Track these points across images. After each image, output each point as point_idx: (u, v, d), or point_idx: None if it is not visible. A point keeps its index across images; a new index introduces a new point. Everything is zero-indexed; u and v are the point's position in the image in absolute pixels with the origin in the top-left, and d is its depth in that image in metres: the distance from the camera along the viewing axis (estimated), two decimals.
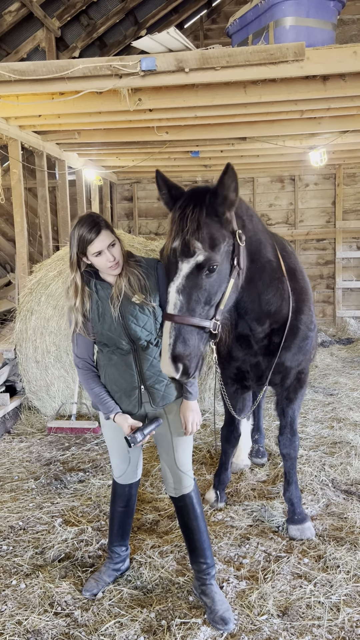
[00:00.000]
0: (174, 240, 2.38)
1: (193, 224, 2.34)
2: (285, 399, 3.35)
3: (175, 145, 7.22)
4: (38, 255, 8.12)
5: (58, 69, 4.30)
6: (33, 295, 5.68)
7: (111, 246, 2.45)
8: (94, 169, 8.81)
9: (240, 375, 3.33)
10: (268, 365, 3.18)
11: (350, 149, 7.98)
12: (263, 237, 2.81)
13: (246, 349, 3.16)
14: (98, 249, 2.42)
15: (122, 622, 2.58)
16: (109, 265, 2.45)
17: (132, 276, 2.52)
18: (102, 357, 2.67)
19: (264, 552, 3.15)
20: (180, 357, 2.33)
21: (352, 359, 8.38)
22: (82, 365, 2.67)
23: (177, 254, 2.36)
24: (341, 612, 2.61)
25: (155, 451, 4.65)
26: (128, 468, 2.82)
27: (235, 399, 3.46)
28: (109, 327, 2.54)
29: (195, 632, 2.49)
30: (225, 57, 4.15)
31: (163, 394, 2.62)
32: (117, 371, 2.61)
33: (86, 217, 2.48)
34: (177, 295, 2.35)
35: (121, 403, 2.64)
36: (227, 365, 3.33)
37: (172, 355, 2.32)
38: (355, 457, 4.38)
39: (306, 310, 3.15)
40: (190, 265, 2.36)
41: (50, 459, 4.63)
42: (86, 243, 2.42)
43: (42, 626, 2.56)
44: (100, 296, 2.55)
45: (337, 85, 4.63)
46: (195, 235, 2.34)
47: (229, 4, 9.88)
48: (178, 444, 2.67)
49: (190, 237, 2.33)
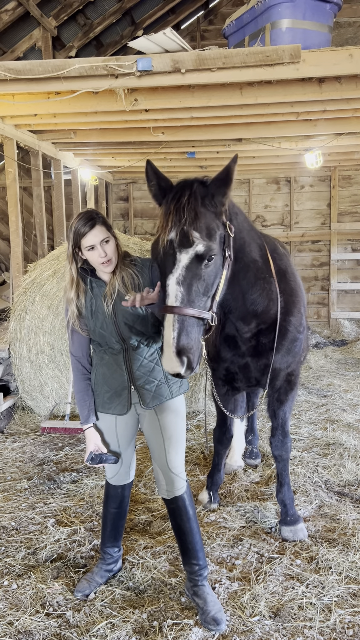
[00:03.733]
0: (170, 231, 2.34)
1: (191, 213, 2.32)
2: (276, 401, 3.35)
3: (171, 146, 7.22)
4: (33, 254, 8.10)
5: (54, 68, 4.30)
6: (27, 294, 5.67)
7: (105, 242, 2.47)
8: (89, 168, 8.80)
9: (229, 376, 3.33)
10: (257, 366, 3.17)
11: (346, 151, 8.01)
12: (247, 236, 2.80)
13: (234, 350, 3.17)
14: (90, 243, 2.44)
15: (113, 623, 2.57)
16: (101, 261, 2.47)
17: (126, 275, 2.54)
18: (95, 356, 2.69)
19: (256, 553, 3.15)
20: (185, 350, 2.28)
21: (346, 360, 8.41)
22: (74, 363, 2.70)
23: (174, 245, 2.33)
24: (333, 613, 2.62)
25: (149, 452, 4.64)
26: (121, 469, 2.82)
27: (227, 400, 3.46)
28: (102, 325, 2.55)
29: (187, 633, 2.49)
30: (222, 59, 4.15)
31: (153, 394, 2.62)
32: (108, 370, 2.62)
33: (85, 212, 2.51)
34: (177, 287, 2.31)
35: (112, 403, 2.64)
36: (217, 366, 3.33)
37: (177, 348, 2.27)
38: (348, 458, 4.39)
39: (295, 312, 3.14)
40: (189, 256, 2.33)
41: (43, 459, 4.62)
42: (79, 236, 2.45)
43: (33, 627, 2.55)
44: (95, 293, 2.56)
45: (333, 88, 4.65)
46: (193, 225, 2.31)
47: (226, 5, 9.89)
48: (170, 446, 2.66)
49: (189, 227, 2.31)
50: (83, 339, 2.66)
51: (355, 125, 6.12)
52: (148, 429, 2.70)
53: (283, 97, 4.76)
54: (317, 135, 6.75)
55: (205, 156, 8.22)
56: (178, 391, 2.69)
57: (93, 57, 7.12)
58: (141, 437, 4.95)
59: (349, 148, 7.71)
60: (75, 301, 2.55)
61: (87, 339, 2.67)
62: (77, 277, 2.55)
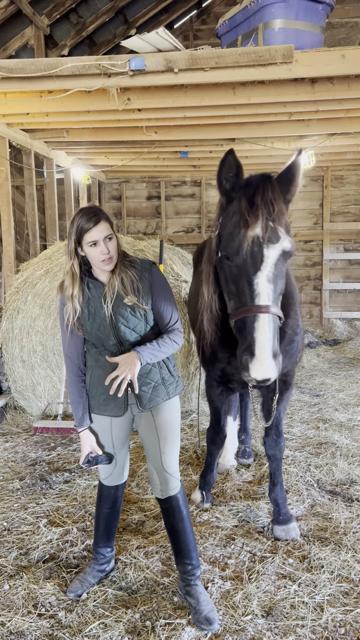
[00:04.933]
0: (256, 226, 2.30)
1: (275, 208, 2.31)
2: (272, 401, 3.35)
3: (164, 145, 7.22)
4: (25, 253, 8.07)
5: (46, 67, 4.28)
6: (19, 294, 5.65)
7: (108, 239, 2.45)
8: (82, 167, 8.78)
9: (225, 377, 3.30)
10: None
11: (338, 151, 8.04)
12: None
13: (232, 351, 3.14)
14: (94, 238, 2.41)
15: (106, 623, 2.57)
16: (102, 257, 2.44)
17: (125, 276, 2.51)
18: (90, 358, 2.66)
19: (249, 552, 3.16)
20: (277, 354, 2.26)
21: (338, 360, 8.44)
22: (68, 365, 2.68)
23: (260, 240, 2.29)
24: (325, 612, 2.63)
25: (142, 452, 4.64)
26: (115, 470, 2.81)
27: (221, 401, 3.45)
28: (98, 327, 2.53)
29: (180, 633, 2.49)
30: (215, 58, 4.15)
31: (150, 396, 2.61)
32: (104, 373, 2.59)
33: (88, 207, 2.49)
34: (268, 285, 2.27)
35: (108, 404, 2.63)
36: (212, 367, 3.31)
37: (273, 351, 2.22)
38: (340, 457, 4.41)
39: (292, 314, 3.14)
40: (277, 252, 2.30)
41: (35, 459, 4.60)
42: (83, 231, 2.41)
43: (25, 627, 2.55)
44: (92, 294, 2.54)
45: (325, 88, 4.66)
46: (278, 221, 2.31)
47: (219, 5, 9.90)
48: (165, 445, 2.66)
49: (275, 223, 2.29)
50: (78, 340, 2.63)
51: (347, 126, 6.15)
52: (143, 430, 2.69)
53: (276, 97, 4.77)
54: (310, 135, 6.77)
55: (199, 155, 8.23)
56: (174, 392, 2.69)
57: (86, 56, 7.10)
58: (134, 437, 4.94)
59: (341, 148, 7.74)
60: (77, 298, 2.51)
61: (82, 339, 2.64)
62: (79, 273, 2.51)
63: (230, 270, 2.43)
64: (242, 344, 2.37)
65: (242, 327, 2.37)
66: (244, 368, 2.32)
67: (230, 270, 2.43)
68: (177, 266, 5.81)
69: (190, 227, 10.82)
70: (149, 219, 10.86)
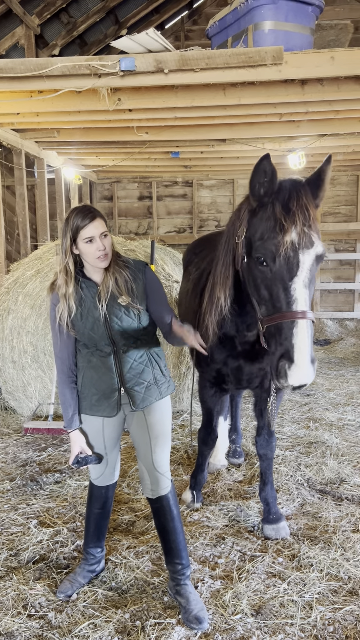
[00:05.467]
0: (291, 231, 2.31)
1: (310, 214, 2.32)
2: (264, 400, 3.36)
3: (155, 146, 7.22)
4: (16, 253, 8.04)
5: (36, 67, 4.27)
6: (10, 294, 5.63)
7: (103, 236, 2.46)
8: (73, 167, 8.76)
9: (220, 378, 3.29)
10: (250, 369, 3.14)
11: (328, 152, 8.04)
12: None
13: (229, 352, 3.12)
14: (90, 234, 2.42)
15: (96, 624, 2.57)
16: (98, 254, 2.44)
17: (119, 276, 2.52)
18: (81, 358, 2.64)
19: (239, 551, 3.17)
20: (314, 359, 2.26)
21: (329, 359, 8.49)
22: (59, 365, 2.66)
23: (297, 246, 2.30)
24: (314, 610, 2.64)
25: (133, 452, 4.64)
26: (106, 470, 2.81)
27: (214, 401, 3.45)
28: (91, 327, 2.53)
29: (170, 632, 2.50)
30: (205, 59, 4.17)
31: (143, 396, 2.61)
32: (96, 373, 2.60)
33: (82, 206, 2.50)
34: (304, 290, 2.28)
35: (100, 405, 2.63)
36: (207, 368, 3.30)
37: (311, 357, 2.22)
38: (330, 457, 4.44)
39: None
40: (312, 258, 2.32)
41: (26, 459, 4.59)
42: (80, 227, 2.42)
43: (15, 628, 2.54)
44: (85, 294, 2.53)
45: (315, 90, 4.69)
46: (312, 226, 2.32)
47: (210, 6, 9.91)
48: (156, 445, 2.67)
49: (309, 229, 2.31)
50: (69, 340, 2.61)
51: (337, 127, 6.18)
52: (135, 429, 2.69)
53: (266, 98, 4.79)
54: (300, 136, 6.80)
55: (190, 156, 8.24)
56: (166, 392, 2.70)
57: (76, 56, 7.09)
58: (125, 437, 4.94)
59: (331, 149, 7.77)
60: (72, 297, 2.50)
61: (73, 340, 2.62)
62: (74, 272, 2.51)
63: (263, 275, 2.41)
64: (277, 350, 2.34)
65: (278, 332, 2.34)
66: (281, 375, 2.29)
67: (263, 275, 2.41)
68: (169, 266, 5.82)
69: (182, 227, 10.83)
70: (141, 219, 10.85)
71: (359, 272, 10.54)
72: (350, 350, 9.12)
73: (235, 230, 2.65)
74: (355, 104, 5.08)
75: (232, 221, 2.72)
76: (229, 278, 2.75)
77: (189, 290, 3.76)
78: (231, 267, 2.73)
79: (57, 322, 2.56)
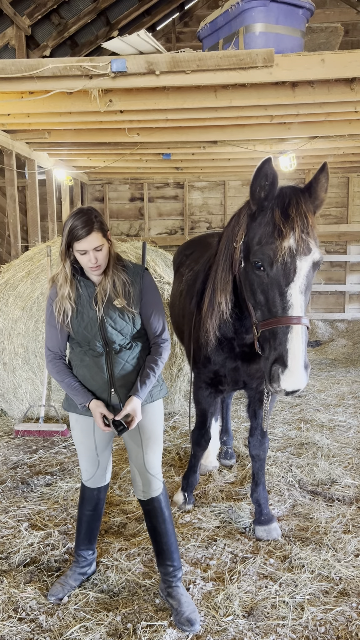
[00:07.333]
0: (289, 238, 2.31)
1: (309, 221, 2.33)
2: (259, 401, 3.36)
3: (147, 147, 7.22)
4: (6, 255, 8.01)
5: (27, 67, 4.26)
6: (0, 296, 5.60)
7: (97, 250, 2.45)
8: (64, 169, 8.74)
9: (216, 379, 3.29)
10: (247, 370, 3.15)
11: (319, 154, 8.11)
12: None
13: (227, 353, 3.12)
14: (83, 248, 2.43)
15: (87, 627, 2.56)
16: (90, 266, 2.47)
17: (117, 279, 2.53)
18: (74, 356, 2.66)
19: (230, 553, 3.17)
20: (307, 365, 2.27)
21: (320, 361, 8.52)
22: (52, 357, 2.65)
23: (293, 252, 2.31)
24: (305, 611, 2.65)
25: (124, 453, 4.63)
26: (97, 471, 2.81)
27: (209, 403, 3.45)
28: (86, 326, 2.54)
29: (161, 635, 2.49)
30: (196, 61, 4.17)
31: None
32: (88, 372, 2.60)
33: (85, 212, 2.45)
34: (301, 297, 2.30)
35: None
36: (203, 369, 3.30)
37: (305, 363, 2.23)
38: (321, 458, 4.45)
39: None
40: (308, 264, 2.33)
41: (17, 462, 4.56)
42: (74, 238, 2.42)
43: (5, 632, 2.52)
44: (82, 293, 2.55)
45: (306, 92, 4.71)
46: (310, 233, 2.33)
47: (201, 8, 9.93)
48: (148, 446, 2.67)
49: (307, 235, 2.32)
50: (62, 335, 2.63)
51: (328, 129, 6.21)
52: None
53: (257, 101, 4.80)
54: (291, 138, 6.83)
55: (181, 157, 8.24)
56: (158, 395, 2.70)
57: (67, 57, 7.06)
58: (116, 440, 4.93)
59: (322, 151, 7.81)
60: (71, 297, 2.52)
61: (66, 335, 2.65)
62: (72, 274, 2.54)
63: (260, 280, 2.42)
64: (271, 355, 2.34)
65: (272, 337, 2.35)
66: (274, 379, 2.31)
67: (260, 280, 2.42)
68: (160, 268, 5.81)
69: (173, 228, 10.83)
70: (132, 221, 10.84)
71: (349, 274, 10.59)
72: (341, 352, 9.16)
73: (234, 235, 2.66)
74: (345, 106, 5.10)
75: (231, 226, 2.73)
76: (229, 283, 2.76)
77: (182, 291, 3.76)
78: (230, 272, 2.74)
79: (53, 316, 2.58)
